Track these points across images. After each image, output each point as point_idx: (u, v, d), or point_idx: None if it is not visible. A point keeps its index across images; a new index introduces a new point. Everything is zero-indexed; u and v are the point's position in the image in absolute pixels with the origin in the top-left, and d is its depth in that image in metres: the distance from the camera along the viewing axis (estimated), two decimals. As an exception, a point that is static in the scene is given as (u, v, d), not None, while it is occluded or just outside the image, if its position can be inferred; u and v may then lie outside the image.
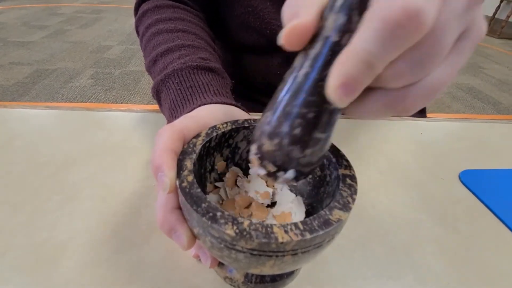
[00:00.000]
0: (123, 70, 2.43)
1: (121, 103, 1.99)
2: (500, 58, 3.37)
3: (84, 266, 0.27)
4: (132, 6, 0.52)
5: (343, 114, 0.18)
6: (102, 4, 4.29)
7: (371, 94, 0.16)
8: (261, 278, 0.26)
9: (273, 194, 0.29)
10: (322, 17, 0.15)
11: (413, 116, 0.62)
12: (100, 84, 2.19)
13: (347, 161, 0.24)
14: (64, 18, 3.58)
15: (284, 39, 0.16)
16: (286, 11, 0.17)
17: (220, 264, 0.27)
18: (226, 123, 0.27)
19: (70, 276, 0.27)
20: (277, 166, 0.20)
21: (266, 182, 0.29)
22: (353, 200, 0.21)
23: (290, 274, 0.27)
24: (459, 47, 0.15)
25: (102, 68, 2.44)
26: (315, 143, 0.18)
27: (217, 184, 0.29)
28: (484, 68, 3.02)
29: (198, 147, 0.24)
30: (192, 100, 0.33)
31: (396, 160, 0.45)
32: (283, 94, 0.18)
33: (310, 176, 0.27)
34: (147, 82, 2.23)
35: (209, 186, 0.28)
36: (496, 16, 4.23)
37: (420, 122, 0.55)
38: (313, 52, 0.16)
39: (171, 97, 0.35)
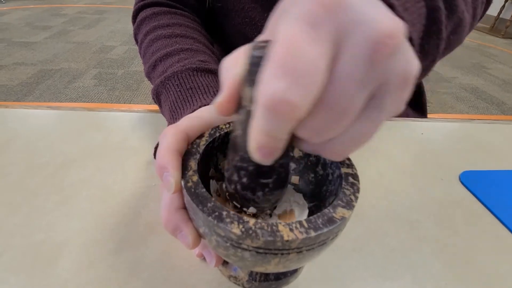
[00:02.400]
0: (126, 70, 2.44)
1: (124, 103, 2.01)
2: (504, 58, 3.35)
3: (82, 266, 0.28)
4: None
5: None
6: (105, 5, 4.31)
7: (302, 142, 0.18)
8: (265, 277, 0.26)
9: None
10: (242, 86, 0.17)
11: (414, 116, 0.62)
12: (103, 84, 2.21)
13: (349, 160, 0.24)
14: (67, 18, 3.60)
15: (217, 111, 0.19)
16: (220, 77, 0.19)
17: (224, 263, 0.27)
18: (229, 123, 0.27)
19: (68, 276, 0.27)
20: (240, 204, 0.24)
21: None
22: (356, 198, 0.21)
23: (294, 272, 0.27)
24: (376, 103, 0.15)
25: (105, 68, 2.45)
26: (262, 187, 0.21)
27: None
28: (488, 68, 3.00)
29: (202, 147, 0.24)
30: (192, 101, 0.33)
31: (396, 160, 0.44)
32: (230, 149, 0.22)
33: (312, 175, 0.27)
34: (150, 83, 2.24)
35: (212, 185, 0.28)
36: (500, 16, 4.20)
37: (420, 123, 0.54)
38: (240, 117, 0.18)
39: (171, 99, 0.35)
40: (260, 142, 0.15)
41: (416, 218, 0.35)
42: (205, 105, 0.32)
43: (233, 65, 0.18)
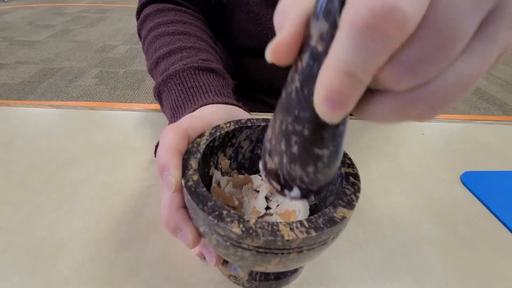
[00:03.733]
0: (128, 69, 2.45)
1: (125, 102, 2.01)
2: (506, 59, 3.33)
3: (83, 264, 0.28)
4: (136, 6, 0.52)
5: (351, 115, 0.16)
6: (107, 4, 4.31)
7: (376, 97, 0.14)
8: (266, 276, 0.27)
9: (265, 215, 0.29)
10: (308, 24, 0.14)
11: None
12: (105, 83, 2.21)
13: (350, 159, 0.24)
14: (69, 17, 3.61)
15: (270, 56, 0.15)
16: (275, 20, 0.16)
17: (224, 262, 0.27)
18: (229, 122, 0.27)
19: (69, 274, 0.27)
20: (280, 185, 0.19)
21: (267, 203, 0.29)
22: (357, 198, 0.21)
23: (294, 272, 0.27)
24: (488, 31, 0.12)
25: (107, 67, 2.45)
26: (316, 160, 0.17)
27: (223, 178, 0.29)
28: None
29: (202, 147, 0.24)
30: (193, 100, 0.33)
31: (398, 161, 0.44)
32: (279, 110, 0.17)
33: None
34: (151, 82, 2.24)
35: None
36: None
37: (422, 123, 0.54)
38: (301, 65, 0.15)
39: (173, 98, 0.35)
40: (335, 87, 0.12)
41: (417, 218, 0.35)
42: (206, 105, 0.32)
43: (295, 2, 0.15)
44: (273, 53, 0.15)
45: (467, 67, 0.12)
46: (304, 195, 0.19)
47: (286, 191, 0.19)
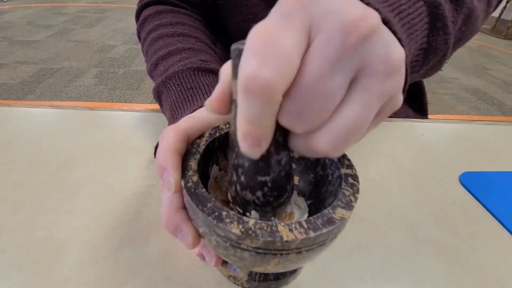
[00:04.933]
0: (127, 69, 2.45)
1: (125, 102, 2.01)
2: (505, 59, 3.34)
3: (84, 264, 0.28)
4: (136, 5, 0.52)
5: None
6: (107, 4, 4.31)
7: (293, 138, 0.18)
8: (265, 276, 0.27)
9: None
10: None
11: (414, 117, 0.62)
12: (104, 84, 2.21)
13: (349, 160, 0.24)
14: (68, 17, 3.60)
15: (210, 109, 0.19)
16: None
17: (224, 263, 0.27)
18: (229, 123, 0.27)
19: (69, 273, 0.27)
20: (242, 208, 0.23)
21: None
22: (356, 199, 0.21)
23: (293, 272, 0.27)
24: (361, 85, 0.15)
25: (106, 67, 2.45)
26: (261, 186, 0.21)
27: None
28: (489, 69, 3.00)
29: (202, 148, 0.24)
30: (193, 101, 0.33)
31: (396, 161, 0.44)
32: (228, 149, 0.21)
33: (312, 176, 0.27)
34: (151, 82, 2.24)
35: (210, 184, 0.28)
36: (501, 17, 4.20)
37: (421, 124, 0.54)
38: (232, 113, 0.19)
39: (172, 99, 0.35)
40: (244, 131, 0.15)
41: (415, 219, 0.35)
42: None
43: (227, 67, 0.19)
44: (209, 107, 0.19)
45: (350, 113, 0.15)
46: (263, 216, 0.23)
47: (247, 214, 0.23)
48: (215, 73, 0.38)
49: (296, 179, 0.29)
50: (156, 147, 0.34)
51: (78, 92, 2.07)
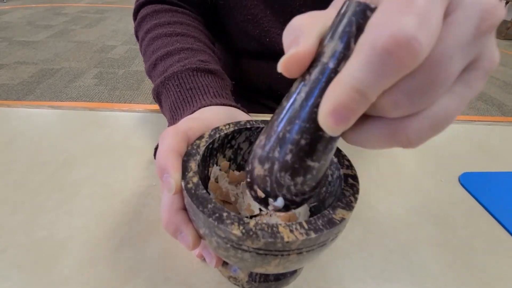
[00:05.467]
0: (127, 70, 2.45)
1: (125, 102, 2.01)
2: (505, 59, 3.34)
3: (83, 264, 0.28)
4: (134, 5, 0.52)
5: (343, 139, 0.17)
6: (106, 4, 4.31)
7: (369, 122, 0.15)
8: (265, 277, 0.27)
9: (260, 215, 0.29)
10: (321, 43, 0.15)
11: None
12: (104, 84, 2.21)
13: (349, 161, 0.24)
14: (68, 18, 3.60)
15: (282, 67, 0.16)
16: (287, 35, 0.17)
17: (224, 264, 0.27)
18: (229, 124, 0.27)
19: (69, 274, 0.27)
20: (266, 193, 0.19)
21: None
22: (356, 199, 0.21)
23: (293, 273, 0.28)
24: (467, 78, 0.14)
25: (106, 68, 2.45)
26: (306, 171, 0.18)
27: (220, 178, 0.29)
28: (489, 70, 3.00)
29: (202, 149, 0.24)
30: (192, 102, 0.34)
31: (396, 161, 0.44)
32: (278, 118, 0.18)
33: None
34: (150, 82, 2.24)
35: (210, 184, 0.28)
36: (501, 18, 4.20)
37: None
38: (310, 78, 0.16)
39: (171, 100, 0.35)
40: (343, 101, 0.13)
41: (415, 219, 0.35)
42: (205, 106, 0.32)
43: (311, 22, 0.16)
44: (286, 64, 0.16)
45: (449, 104, 0.14)
46: (287, 206, 0.20)
47: (270, 200, 0.20)
48: (214, 74, 0.38)
49: None
50: (156, 148, 0.34)
51: (78, 93, 2.07)
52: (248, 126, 0.27)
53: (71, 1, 4.37)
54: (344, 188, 0.22)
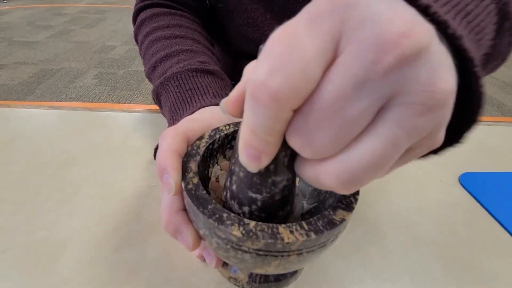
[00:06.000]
0: (127, 70, 2.45)
1: (125, 103, 2.01)
2: (504, 60, 3.34)
3: (83, 264, 0.28)
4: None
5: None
6: (106, 5, 4.31)
7: (302, 162, 0.16)
8: (265, 278, 0.27)
9: None
10: None
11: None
12: (104, 84, 2.21)
13: None
14: (68, 18, 3.60)
15: (225, 110, 0.18)
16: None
17: (224, 264, 0.27)
18: (229, 124, 0.27)
19: (69, 274, 0.27)
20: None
21: None
22: (356, 200, 0.21)
23: (293, 273, 0.28)
24: (390, 116, 0.12)
25: (106, 68, 2.45)
26: (250, 202, 0.20)
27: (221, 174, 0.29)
28: (489, 70, 3.00)
29: (202, 149, 0.24)
30: (192, 102, 0.34)
31: (396, 162, 0.44)
32: (232, 152, 0.20)
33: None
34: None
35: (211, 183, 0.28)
36: (501, 18, 4.20)
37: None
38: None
39: (171, 100, 0.35)
40: (246, 140, 0.14)
41: (415, 220, 0.35)
42: (204, 107, 0.32)
43: (250, 67, 0.18)
44: (225, 106, 0.18)
45: (371, 147, 0.13)
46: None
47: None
48: (213, 74, 0.38)
49: (296, 180, 0.29)
50: (156, 149, 0.34)
51: (78, 93, 2.07)
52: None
53: (71, 1, 4.37)
54: None
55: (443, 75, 0.12)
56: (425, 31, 0.12)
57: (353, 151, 0.13)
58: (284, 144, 0.15)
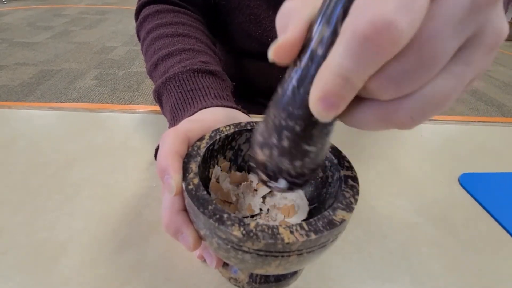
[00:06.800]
0: (127, 71, 2.45)
1: (125, 103, 2.01)
2: (505, 60, 3.35)
3: (84, 265, 0.28)
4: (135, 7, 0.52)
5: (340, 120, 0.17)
6: (106, 6, 4.32)
7: (362, 104, 0.15)
8: (266, 278, 0.27)
9: (260, 214, 0.29)
10: (310, 28, 0.15)
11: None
12: (104, 85, 2.21)
13: (349, 162, 0.24)
14: (68, 19, 3.61)
15: (273, 55, 0.16)
16: (278, 21, 0.17)
17: (225, 265, 0.27)
18: (229, 125, 0.27)
19: (70, 275, 0.27)
20: (268, 176, 0.20)
21: (263, 201, 0.29)
22: (356, 200, 0.21)
23: (294, 274, 0.28)
24: (465, 56, 0.13)
25: (106, 69, 2.46)
26: (303, 155, 0.19)
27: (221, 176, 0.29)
28: (489, 70, 3.01)
29: (203, 150, 0.24)
30: (193, 103, 0.34)
31: (396, 162, 0.45)
32: (274, 105, 0.18)
33: None
34: (150, 83, 2.25)
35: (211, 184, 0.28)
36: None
37: (420, 125, 0.55)
38: (300, 65, 0.16)
39: (172, 100, 0.35)
40: (331, 89, 0.13)
41: (415, 220, 0.35)
42: (205, 108, 0.32)
43: (300, 6, 0.16)
44: (276, 52, 0.16)
45: (444, 85, 0.14)
46: (290, 188, 0.21)
47: (271, 183, 0.21)
48: (215, 75, 0.38)
49: None
50: (156, 150, 0.34)
51: (78, 94, 2.07)
52: (249, 127, 0.27)
53: (71, 2, 4.37)
54: (344, 190, 0.22)
55: (504, 21, 0.14)
56: None
57: (428, 88, 0.14)
58: None
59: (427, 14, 0.12)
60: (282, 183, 0.20)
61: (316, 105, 0.14)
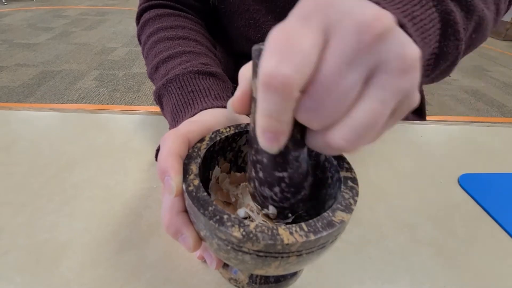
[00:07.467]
0: (127, 72, 2.45)
1: (125, 104, 2.01)
2: (504, 60, 3.35)
3: (85, 266, 0.28)
4: (136, 8, 0.53)
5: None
6: (107, 7, 4.33)
7: (313, 133, 0.18)
8: (266, 279, 0.27)
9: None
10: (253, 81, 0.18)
11: (412, 119, 0.62)
12: (104, 86, 2.21)
13: (348, 163, 0.24)
14: (69, 20, 3.62)
15: (232, 108, 0.21)
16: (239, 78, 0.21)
17: (225, 266, 0.27)
18: (229, 127, 0.27)
19: (71, 276, 0.27)
20: (259, 204, 0.24)
21: None
22: (355, 201, 0.21)
23: (293, 274, 0.28)
24: (376, 81, 0.16)
25: (106, 70, 2.46)
26: (279, 181, 0.21)
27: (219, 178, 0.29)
28: (489, 71, 3.01)
29: (203, 151, 0.24)
30: (193, 104, 0.34)
31: (395, 163, 0.45)
32: (248, 144, 0.22)
33: (312, 178, 0.28)
34: (151, 84, 2.25)
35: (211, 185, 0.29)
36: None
37: (420, 126, 0.55)
38: (252, 111, 0.19)
39: (173, 102, 0.36)
40: (263, 126, 0.16)
41: (415, 221, 0.36)
42: (206, 109, 0.32)
43: (247, 68, 0.20)
44: (233, 105, 0.20)
45: (367, 108, 0.16)
46: (281, 213, 0.24)
47: (265, 210, 0.24)
48: (215, 76, 0.38)
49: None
50: (157, 151, 0.34)
51: (79, 95, 2.08)
52: (249, 128, 0.27)
53: (72, 3, 4.38)
54: (343, 191, 0.22)
55: (409, 46, 0.16)
56: (389, 16, 0.15)
57: (353, 114, 0.16)
58: (295, 123, 0.17)
59: (322, 58, 0.15)
60: (271, 209, 0.23)
61: (260, 140, 0.17)
